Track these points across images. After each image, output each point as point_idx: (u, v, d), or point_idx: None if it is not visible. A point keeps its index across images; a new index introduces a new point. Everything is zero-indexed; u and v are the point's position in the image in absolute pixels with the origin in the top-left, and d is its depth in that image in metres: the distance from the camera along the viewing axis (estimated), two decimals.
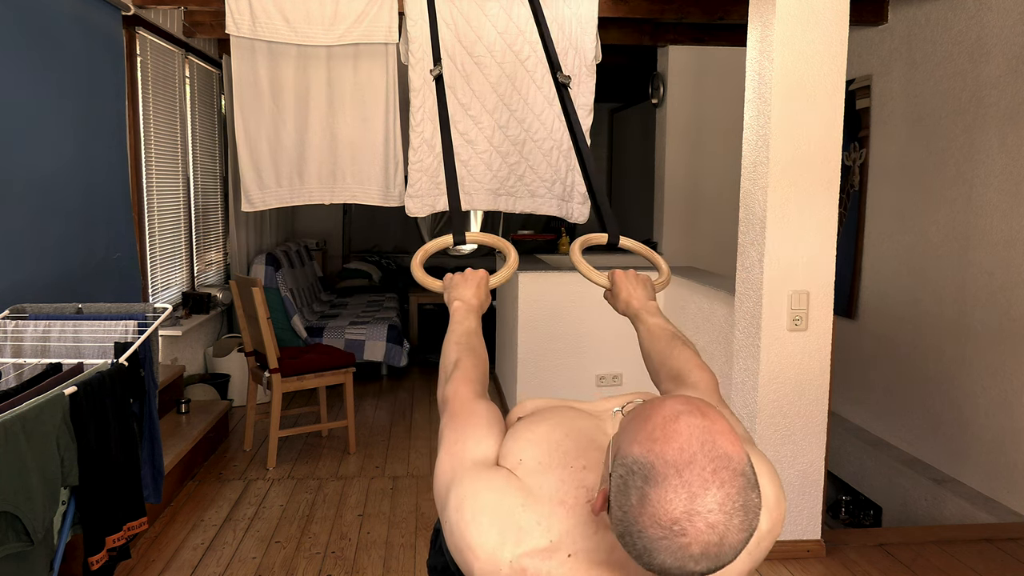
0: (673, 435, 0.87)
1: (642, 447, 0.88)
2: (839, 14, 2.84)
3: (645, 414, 0.91)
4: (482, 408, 1.25)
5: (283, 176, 4.07)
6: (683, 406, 0.90)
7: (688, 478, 0.85)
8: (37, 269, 3.00)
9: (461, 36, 3.89)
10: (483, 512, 1.07)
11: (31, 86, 2.98)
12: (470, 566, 1.08)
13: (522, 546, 1.02)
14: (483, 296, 1.61)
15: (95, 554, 2.05)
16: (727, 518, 0.85)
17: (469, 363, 1.39)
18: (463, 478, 1.13)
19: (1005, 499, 3.60)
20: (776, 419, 2.99)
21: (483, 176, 4.04)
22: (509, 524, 1.05)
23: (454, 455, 1.18)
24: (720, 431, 0.88)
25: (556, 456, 1.12)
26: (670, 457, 0.86)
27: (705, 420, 0.89)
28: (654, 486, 0.85)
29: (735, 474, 0.86)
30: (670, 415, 0.89)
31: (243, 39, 3.91)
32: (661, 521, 0.85)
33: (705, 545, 0.85)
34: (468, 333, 1.49)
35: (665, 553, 0.86)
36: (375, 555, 3.07)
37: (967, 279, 3.83)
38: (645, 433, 0.89)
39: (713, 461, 0.86)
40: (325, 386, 4.37)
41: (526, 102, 3.98)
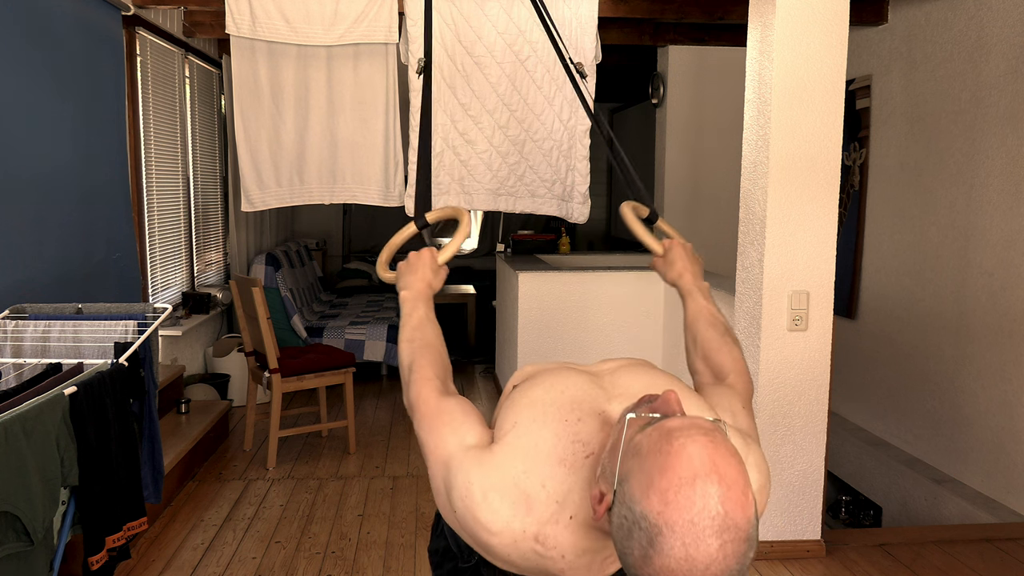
0: (686, 505, 0.86)
1: (652, 506, 0.87)
2: (839, 14, 2.84)
3: (662, 461, 0.89)
4: (451, 404, 1.26)
5: (283, 176, 4.07)
6: (702, 463, 0.87)
7: (693, 553, 0.85)
8: (37, 269, 3.00)
9: (461, 36, 3.89)
10: (491, 490, 1.10)
11: (31, 86, 2.98)
12: (487, 543, 1.12)
13: (532, 515, 1.07)
14: (431, 277, 1.52)
15: (95, 554, 2.05)
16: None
17: (424, 361, 1.35)
18: (460, 466, 1.15)
19: (1005, 499, 3.60)
20: (776, 419, 2.99)
21: (483, 176, 4.04)
22: (517, 495, 1.09)
23: (440, 454, 1.19)
24: (734, 498, 0.87)
25: (550, 412, 1.16)
26: (679, 530, 0.85)
27: (721, 486, 0.87)
28: (658, 552, 0.86)
29: (739, 542, 0.87)
30: (687, 476, 0.87)
31: (243, 39, 3.91)
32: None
33: None
34: (417, 327, 1.43)
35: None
36: (375, 555, 3.07)
37: (967, 279, 3.83)
38: (658, 490, 0.87)
39: (722, 535, 0.86)
40: (325, 386, 4.37)
41: (526, 102, 3.98)
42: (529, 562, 1.11)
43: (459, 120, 3.97)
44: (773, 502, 3.03)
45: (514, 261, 4.97)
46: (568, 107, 4.01)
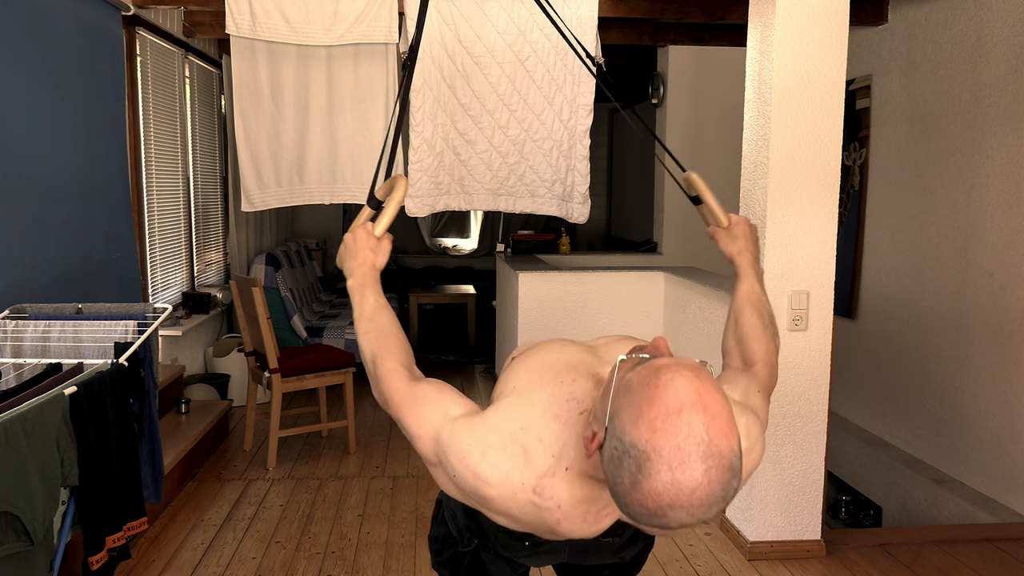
0: (673, 431, 0.91)
1: (641, 434, 0.92)
2: (839, 14, 2.84)
3: (651, 393, 0.94)
4: (423, 387, 1.28)
5: (283, 176, 4.07)
6: (688, 395, 0.92)
7: (679, 477, 0.90)
8: (37, 269, 3.00)
9: (461, 36, 3.89)
10: (489, 448, 1.15)
11: (31, 86, 2.98)
12: (487, 498, 1.16)
13: (531, 468, 1.12)
14: (372, 257, 1.45)
15: (95, 554, 2.05)
16: (706, 508, 0.92)
17: (386, 352, 1.34)
18: (452, 433, 1.19)
19: (1005, 499, 3.60)
20: (776, 419, 2.99)
21: (483, 176, 4.04)
22: (515, 450, 1.14)
23: (427, 431, 1.22)
24: (719, 427, 0.92)
25: (547, 375, 1.22)
26: (666, 454, 0.91)
27: (706, 415, 0.92)
28: (646, 477, 0.91)
29: (723, 470, 0.92)
30: (674, 407, 0.92)
31: (243, 39, 3.91)
32: (647, 506, 0.93)
33: (682, 523, 0.94)
34: (371, 317, 1.39)
35: (644, 521, 0.95)
36: (375, 555, 3.07)
37: (967, 279, 3.83)
38: (647, 419, 0.93)
39: (706, 460, 0.91)
40: (325, 386, 4.37)
41: (526, 102, 3.98)
42: (527, 515, 1.15)
43: (459, 120, 3.96)
44: (773, 502, 3.03)
45: (514, 261, 4.97)
46: (568, 107, 4.01)
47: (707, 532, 3.27)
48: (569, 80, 3.98)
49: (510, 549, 1.52)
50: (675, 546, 3.15)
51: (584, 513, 1.14)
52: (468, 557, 1.61)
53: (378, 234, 1.46)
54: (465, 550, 1.61)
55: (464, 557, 1.62)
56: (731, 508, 3.22)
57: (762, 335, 1.46)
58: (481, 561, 1.59)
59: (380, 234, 1.46)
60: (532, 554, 1.52)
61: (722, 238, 1.62)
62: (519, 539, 1.46)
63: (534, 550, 1.50)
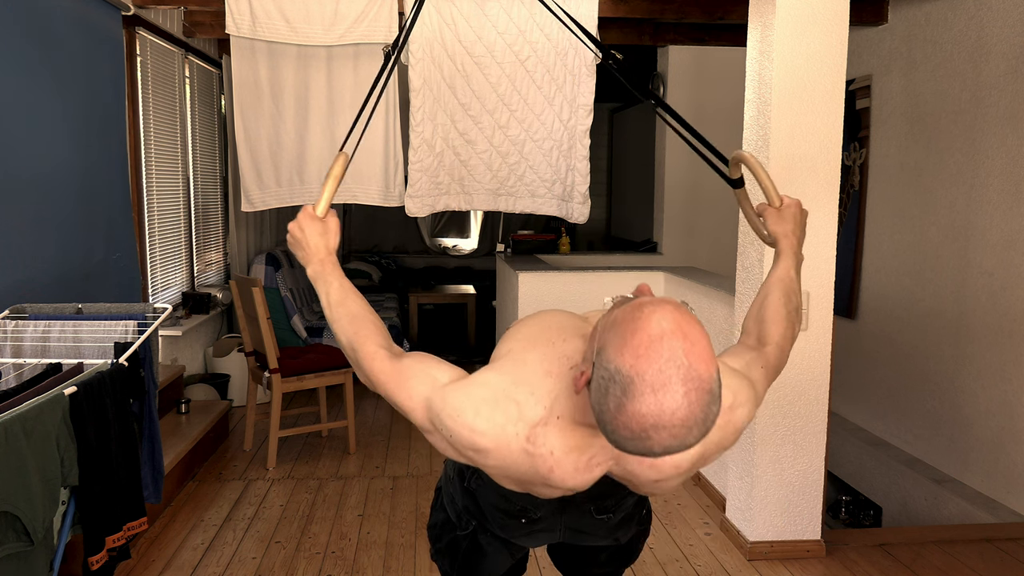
0: (655, 356, 0.97)
1: (625, 360, 0.98)
2: (839, 14, 2.84)
3: (634, 324, 1.00)
4: (406, 362, 1.31)
5: (283, 176, 4.07)
6: (669, 324, 0.99)
7: (661, 399, 0.96)
8: (37, 269, 3.00)
9: (461, 36, 3.89)
10: (482, 403, 1.20)
11: (31, 86, 2.98)
12: (483, 451, 1.20)
13: (524, 419, 1.18)
14: (322, 242, 1.42)
15: (95, 554, 2.05)
16: (688, 431, 0.98)
17: (362, 336, 1.35)
18: (444, 398, 1.23)
19: (1005, 499, 3.60)
20: (776, 419, 2.99)
21: (483, 176, 4.04)
22: (508, 403, 1.19)
23: (418, 403, 1.27)
24: (697, 353, 0.98)
25: (540, 339, 1.28)
26: (649, 377, 0.97)
27: (686, 342, 0.98)
28: (630, 399, 0.97)
29: (702, 392, 0.98)
30: (656, 335, 0.98)
31: (243, 39, 3.91)
32: (632, 428, 0.98)
33: (665, 447, 1.00)
34: (339, 304, 1.39)
35: (631, 446, 1.01)
36: (375, 555, 3.07)
37: (967, 279, 3.83)
38: (631, 347, 0.99)
39: (686, 383, 0.97)
40: (325, 386, 4.37)
41: (526, 102, 3.98)
42: (521, 465, 1.20)
43: (459, 120, 3.96)
44: (773, 502, 3.03)
45: (514, 261, 4.97)
46: (568, 107, 4.01)
47: (707, 532, 3.27)
48: (569, 80, 3.98)
49: (507, 528, 1.54)
50: (675, 546, 3.15)
51: (575, 461, 1.18)
52: (466, 541, 1.63)
53: (320, 214, 1.42)
54: (463, 533, 1.62)
55: (462, 541, 1.64)
56: (731, 508, 3.22)
57: (783, 319, 1.48)
58: (479, 545, 1.61)
59: (323, 213, 1.42)
60: (529, 532, 1.54)
61: (772, 217, 1.61)
62: (515, 515, 1.50)
63: (531, 528, 1.52)
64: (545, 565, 2.94)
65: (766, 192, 1.60)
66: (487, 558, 1.64)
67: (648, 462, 1.21)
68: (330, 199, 1.43)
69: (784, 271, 1.55)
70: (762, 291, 1.54)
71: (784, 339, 1.47)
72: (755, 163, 1.59)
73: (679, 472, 1.24)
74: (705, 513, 3.48)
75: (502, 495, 1.46)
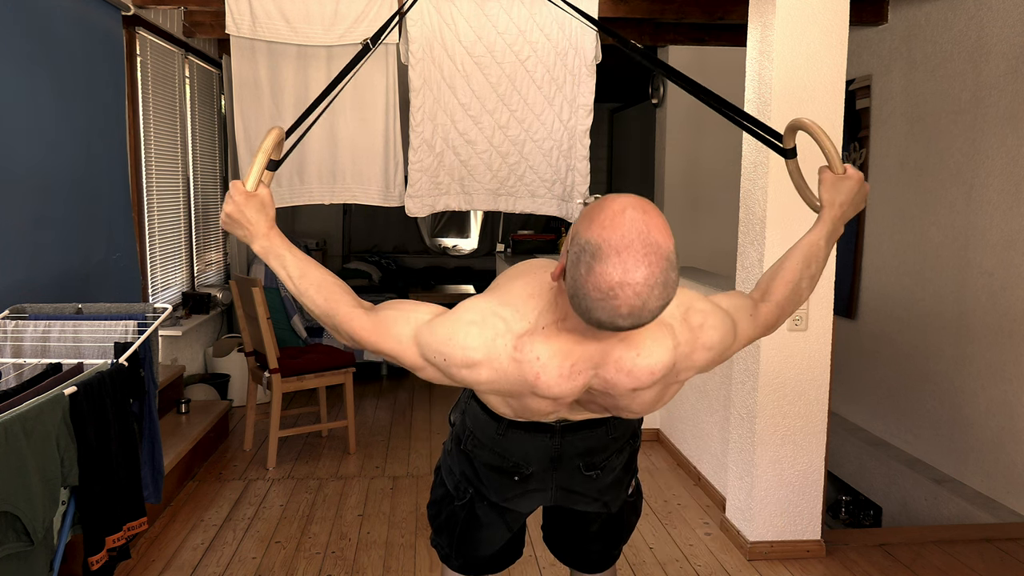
0: (618, 225, 1.10)
1: (593, 232, 1.11)
2: (839, 14, 2.84)
3: (601, 206, 1.14)
4: (383, 313, 1.38)
5: (283, 176, 4.07)
6: (631, 203, 1.13)
7: (624, 258, 1.08)
8: (37, 269, 3.00)
9: (461, 36, 3.89)
10: (470, 325, 1.30)
11: (31, 86, 2.98)
12: (475, 363, 1.29)
13: (511, 331, 1.29)
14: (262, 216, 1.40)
15: (95, 554, 2.05)
16: (649, 290, 1.09)
17: (333, 301, 1.38)
18: (432, 330, 1.32)
19: (1005, 499, 3.60)
20: (776, 419, 2.99)
21: (483, 176, 4.04)
22: (495, 321, 1.30)
23: (406, 345, 1.34)
24: (655, 225, 1.11)
25: (523, 272, 1.40)
26: (614, 242, 1.09)
27: (645, 216, 1.11)
28: (599, 261, 1.09)
29: (660, 258, 1.10)
30: (619, 209, 1.12)
31: (243, 39, 3.90)
32: (601, 287, 1.09)
33: (631, 307, 1.10)
34: (300, 276, 1.39)
35: (601, 311, 1.11)
36: (375, 555, 3.07)
37: (967, 279, 3.83)
38: (598, 222, 1.12)
39: (645, 247, 1.09)
40: (325, 386, 4.37)
41: (526, 102, 3.98)
42: (511, 375, 1.30)
43: (459, 120, 3.96)
44: (773, 502, 3.03)
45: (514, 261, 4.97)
46: (568, 107, 4.01)
47: (707, 532, 3.27)
48: (569, 80, 3.98)
49: (502, 490, 1.63)
50: (675, 546, 3.15)
51: (559, 366, 1.28)
52: (464, 511, 1.70)
53: (251, 188, 1.39)
54: (461, 503, 1.70)
55: (460, 512, 1.71)
56: (731, 508, 3.22)
57: (792, 283, 1.50)
58: (476, 515, 1.70)
59: (253, 187, 1.40)
60: (523, 492, 1.62)
61: (827, 183, 1.59)
62: (509, 472, 1.59)
63: (524, 487, 1.61)
64: (545, 565, 2.94)
65: (829, 158, 1.56)
66: (484, 529, 1.71)
67: (626, 368, 1.29)
68: (260, 173, 1.39)
69: (815, 237, 1.56)
70: (787, 252, 1.56)
71: (786, 301, 1.50)
72: (817, 129, 1.55)
73: (653, 378, 1.31)
74: (705, 513, 3.48)
75: (496, 452, 1.57)
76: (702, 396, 3.83)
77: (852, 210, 1.59)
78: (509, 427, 1.55)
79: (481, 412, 1.58)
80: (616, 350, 1.29)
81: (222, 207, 1.41)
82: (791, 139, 1.68)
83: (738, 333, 1.41)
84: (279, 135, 1.44)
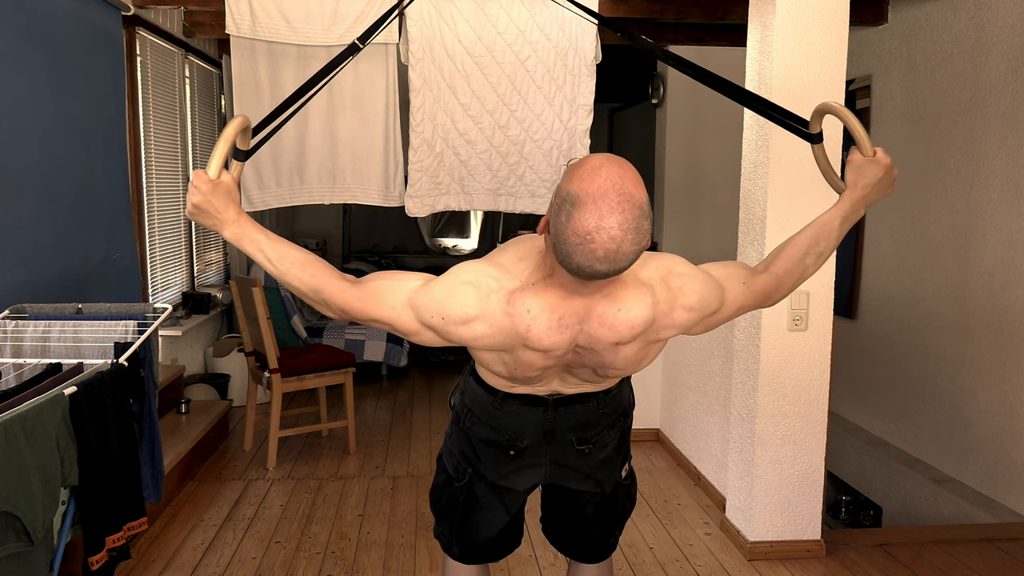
0: (596, 177, 1.22)
1: (573, 184, 1.24)
2: (839, 14, 2.84)
3: (581, 163, 1.27)
4: (373, 284, 1.44)
5: (283, 176, 4.07)
6: (607, 159, 1.25)
7: (600, 205, 1.20)
8: (37, 269, 3.00)
9: (461, 36, 3.89)
10: (465, 284, 1.40)
11: (30, 86, 2.98)
12: (471, 319, 1.39)
13: (503, 289, 1.39)
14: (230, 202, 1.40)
15: (95, 554, 2.05)
16: (623, 234, 1.21)
17: (320, 277, 1.42)
18: (429, 293, 1.41)
19: (1005, 499, 3.60)
20: (776, 419, 2.99)
21: (483, 176, 4.04)
22: (488, 281, 1.40)
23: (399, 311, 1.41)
24: (629, 179, 1.23)
25: (514, 243, 1.50)
26: (591, 191, 1.21)
27: (620, 170, 1.24)
28: (577, 209, 1.21)
29: (633, 206, 1.22)
30: (596, 164, 1.24)
31: (243, 39, 3.90)
32: (579, 232, 1.21)
33: (606, 251, 1.22)
34: (279, 259, 1.41)
35: (580, 255, 1.23)
36: (375, 555, 3.07)
37: (967, 279, 3.83)
38: (577, 176, 1.24)
39: (619, 196, 1.21)
40: (325, 386, 4.37)
41: (526, 102, 3.98)
42: (505, 328, 1.39)
43: (459, 120, 3.96)
44: (773, 502, 3.03)
45: None
46: (568, 107, 4.01)
47: (707, 532, 3.27)
48: (569, 80, 3.98)
49: (499, 467, 1.71)
50: (675, 546, 3.15)
51: (548, 319, 1.38)
52: (464, 493, 1.77)
53: (212, 175, 1.38)
54: (460, 484, 1.77)
55: (460, 494, 1.78)
56: (731, 508, 3.22)
57: (796, 258, 1.54)
58: (475, 497, 1.77)
59: (216, 174, 1.38)
60: (517, 469, 1.70)
61: (854, 164, 1.59)
62: (505, 447, 1.67)
63: (519, 463, 1.69)
64: (545, 565, 2.94)
65: (859, 141, 1.56)
66: (483, 511, 1.77)
67: (608, 322, 1.39)
68: (222, 159, 1.38)
69: (830, 216, 1.58)
70: (803, 228, 1.59)
71: (786, 274, 1.54)
72: (847, 112, 1.56)
73: (633, 332, 1.41)
74: (705, 513, 3.48)
75: (492, 427, 1.67)
76: (702, 396, 3.83)
77: (876, 194, 1.59)
78: (504, 400, 1.64)
79: (478, 387, 1.67)
80: (599, 305, 1.39)
81: (187, 199, 1.40)
82: (817, 124, 1.69)
83: (727, 298, 1.49)
84: (242, 123, 1.43)
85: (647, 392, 4.42)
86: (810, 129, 1.69)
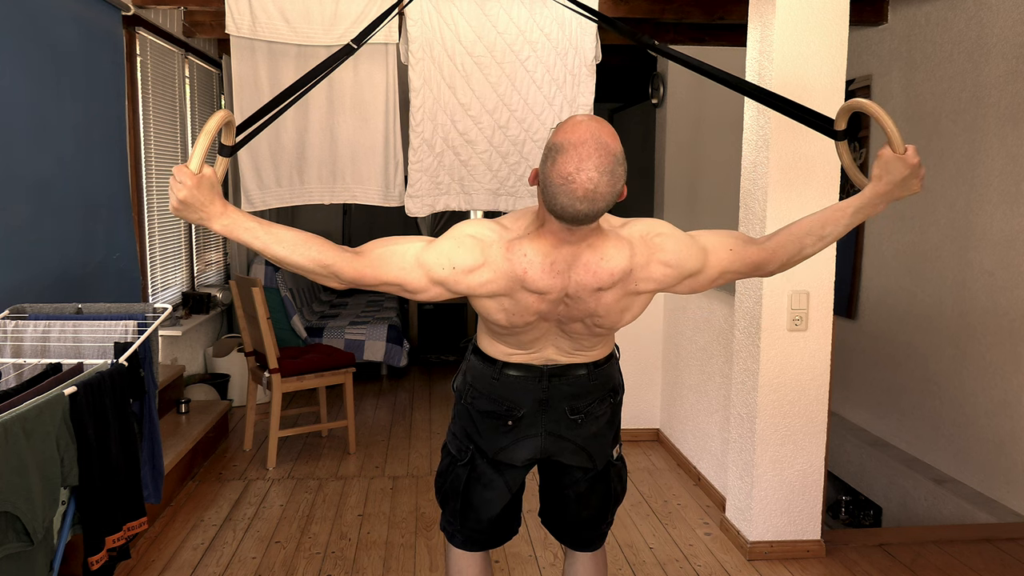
0: (576, 129, 1.43)
1: (558, 136, 1.44)
2: (839, 14, 2.84)
3: (566, 121, 1.47)
4: (378, 250, 1.56)
5: (283, 176, 4.07)
6: (587, 117, 1.46)
7: (580, 151, 1.41)
8: (37, 269, 3.00)
9: (461, 36, 3.89)
10: (469, 238, 1.57)
11: (31, 86, 2.98)
12: (477, 267, 1.55)
13: (502, 239, 1.57)
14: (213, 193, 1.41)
15: (95, 554, 2.05)
16: (599, 175, 1.41)
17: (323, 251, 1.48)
18: (438, 248, 1.56)
19: (1005, 499, 3.60)
20: (776, 419, 2.99)
21: (483, 176, 4.04)
22: (488, 233, 1.58)
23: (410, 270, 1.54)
24: (606, 132, 1.43)
25: (511, 212, 1.71)
26: (572, 140, 1.42)
27: (598, 124, 1.44)
28: (560, 154, 1.42)
29: (608, 153, 1.42)
30: (577, 120, 1.45)
31: (243, 39, 3.91)
32: (562, 174, 1.41)
33: (585, 191, 1.41)
34: (277, 242, 1.45)
35: (563, 196, 1.42)
36: (375, 555, 3.07)
37: (967, 279, 3.83)
38: (561, 130, 1.45)
39: (597, 144, 1.41)
40: (325, 386, 4.37)
41: (526, 102, 3.98)
42: (506, 272, 1.55)
43: (459, 120, 3.96)
44: (773, 502, 3.03)
45: None
46: (568, 107, 4.01)
47: (707, 532, 3.27)
48: (569, 80, 3.98)
49: (496, 438, 1.82)
50: (675, 546, 3.15)
51: (542, 264, 1.55)
52: (466, 473, 1.88)
53: (194, 168, 1.39)
54: (463, 463, 1.88)
55: (462, 474, 1.89)
56: (731, 508, 3.22)
57: (797, 236, 1.64)
58: (477, 475, 1.87)
59: (198, 168, 1.39)
60: (515, 441, 1.81)
61: (882, 159, 1.61)
62: (503, 417, 1.80)
63: (516, 434, 1.81)
64: (545, 565, 2.94)
65: (890, 137, 1.57)
66: (485, 489, 1.88)
67: (592, 269, 1.55)
68: (203, 153, 1.38)
69: (846, 203, 1.65)
70: (832, 207, 1.66)
71: (781, 249, 1.64)
72: (877, 109, 1.58)
73: (612, 279, 1.57)
74: (705, 513, 3.48)
75: (492, 398, 1.80)
76: (702, 396, 3.83)
77: (899, 191, 1.62)
78: (503, 370, 1.79)
79: (479, 362, 1.84)
80: (585, 254, 1.56)
81: (173, 195, 1.40)
82: (843, 121, 1.73)
83: (708, 261, 1.61)
84: (224, 117, 1.44)
85: (647, 392, 4.43)
86: (836, 126, 1.73)
